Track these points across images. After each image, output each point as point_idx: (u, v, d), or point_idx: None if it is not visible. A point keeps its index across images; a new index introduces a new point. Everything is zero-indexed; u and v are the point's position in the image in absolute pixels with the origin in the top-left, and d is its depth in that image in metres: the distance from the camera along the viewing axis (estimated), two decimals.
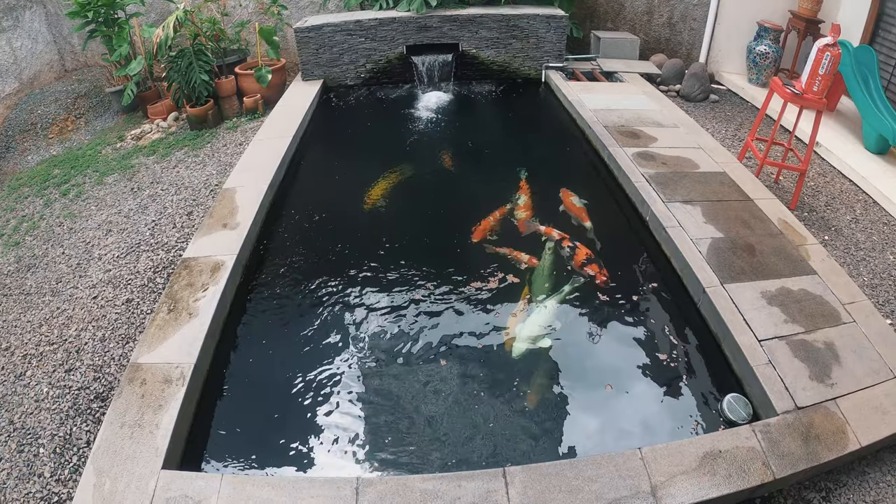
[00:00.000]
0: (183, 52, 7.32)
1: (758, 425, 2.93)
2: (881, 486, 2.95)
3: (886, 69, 6.59)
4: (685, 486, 2.63)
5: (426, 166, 5.91)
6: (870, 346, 3.39)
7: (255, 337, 3.79)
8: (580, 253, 4.36)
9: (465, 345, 3.65)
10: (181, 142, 7.00)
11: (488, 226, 4.74)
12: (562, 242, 4.50)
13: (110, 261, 4.78)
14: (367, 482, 2.63)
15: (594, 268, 4.21)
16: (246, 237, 4.31)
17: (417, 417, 3.19)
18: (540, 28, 7.77)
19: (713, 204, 4.63)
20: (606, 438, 3.12)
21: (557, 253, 4.44)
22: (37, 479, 3.08)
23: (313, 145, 6.41)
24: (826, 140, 6.27)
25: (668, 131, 5.97)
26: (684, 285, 4.02)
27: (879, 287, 4.31)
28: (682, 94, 7.81)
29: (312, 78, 7.81)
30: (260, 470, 2.94)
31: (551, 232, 4.63)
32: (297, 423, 3.19)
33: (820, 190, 5.60)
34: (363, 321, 3.85)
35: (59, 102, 8.59)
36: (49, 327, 4.14)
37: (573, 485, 2.62)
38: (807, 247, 4.21)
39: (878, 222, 5.09)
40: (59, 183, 6.40)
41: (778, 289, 3.78)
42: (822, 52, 4.72)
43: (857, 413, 3.01)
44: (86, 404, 3.48)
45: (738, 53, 8.30)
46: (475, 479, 2.63)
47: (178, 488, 2.63)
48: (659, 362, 3.54)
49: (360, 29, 7.56)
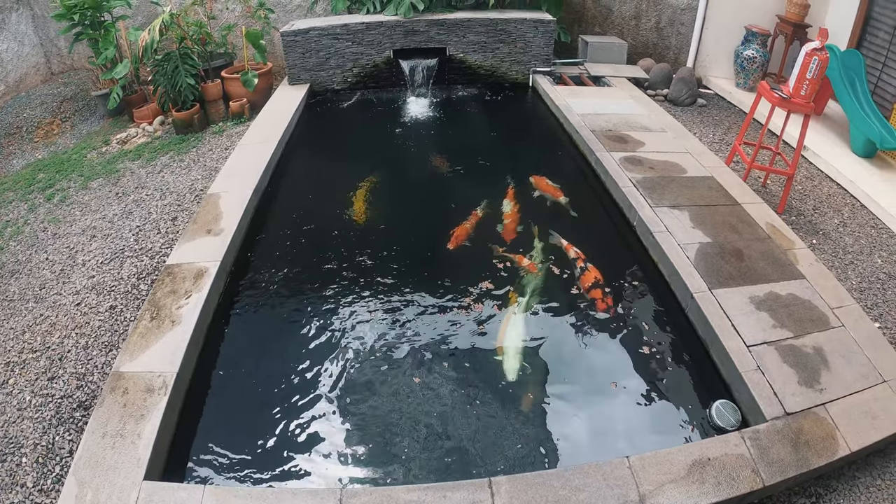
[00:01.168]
0: (169, 55, 7.26)
1: (747, 432, 2.92)
2: (871, 490, 2.94)
3: (873, 73, 6.63)
4: (674, 494, 2.61)
5: (412, 171, 5.90)
6: (859, 351, 3.38)
7: (239, 345, 3.74)
8: (589, 275, 4.23)
9: (451, 353, 3.61)
10: (167, 146, 6.94)
11: (465, 233, 4.71)
12: (576, 262, 4.39)
13: (94, 267, 4.72)
14: (352, 493, 2.59)
15: (598, 293, 4.08)
16: (230, 243, 4.27)
17: (403, 427, 3.15)
18: (527, 32, 7.76)
19: (701, 209, 4.63)
20: (593, 446, 3.09)
21: (549, 260, 4.42)
22: (19, 490, 3.03)
23: (299, 150, 6.37)
24: (814, 144, 6.29)
25: (656, 136, 5.97)
26: (672, 291, 4.01)
27: (868, 291, 4.31)
28: (670, 98, 7.82)
29: (299, 82, 7.78)
30: (243, 481, 2.90)
31: (570, 248, 4.52)
32: (281, 432, 3.14)
33: (808, 194, 5.61)
34: (348, 329, 3.81)
35: (44, 106, 8.52)
36: (32, 334, 4.08)
37: (560, 494, 2.59)
38: (795, 251, 4.21)
39: (866, 226, 5.10)
40: (44, 187, 6.32)
41: (766, 293, 3.77)
42: (809, 56, 4.73)
43: (847, 418, 3.01)
44: (69, 413, 3.43)
45: (725, 58, 8.32)
46: (460, 489, 2.59)
47: (159, 500, 2.59)
48: (646, 368, 3.52)
49: (346, 33, 7.54)
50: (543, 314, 3.92)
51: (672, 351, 3.65)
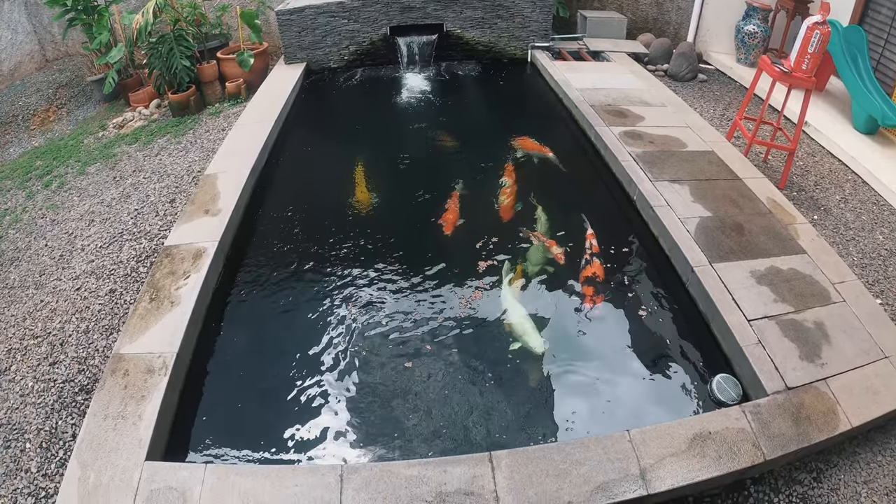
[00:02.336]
0: (163, 37, 7.21)
1: (748, 406, 2.92)
2: (872, 466, 2.95)
3: (876, 49, 6.55)
4: (674, 468, 2.61)
5: (411, 149, 5.85)
6: (860, 326, 3.37)
7: (238, 324, 3.74)
8: (589, 269, 4.09)
9: (451, 329, 3.61)
10: (163, 129, 6.91)
11: (455, 216, 4.65)
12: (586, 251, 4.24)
13: (93, 251, 4.72)
14: (352, 469, 2.60)
15: (590, 290, 3.95)
16: (228, 223, 4.25)
17: (404, 404, 3.15)
18: (525, 7, 7.67)
19: (701, 183, 4.60)
20: (594, 420, 3.09)
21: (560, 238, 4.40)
22: (23, 475, 3.04)
23: (296, 129, 6.33)
24: (815, 120, 6.24)
25: (656, 110, 5.93)
26: (672, 265, 3.99)
27: (869, 267, 4.30)
28: (670, 73, 7.75)
29: (295, 61, 7.71)
30: (244, 459, 2.90)
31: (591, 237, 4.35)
32: (281, 410, 3.15)
33: (809, 170, 5.57)
34: (347, 307, 3.81)
35: (40, 93, 8.47)
36: (33, 321, 4.08)
37: (561, 468, 2.59)
38: (796, 226, 4.18)
39: (868, 202, 5.07)
40: (42, 174, 6.30)
41: (767, 268, 3.75)
42: (811, 30, 4.67)
43: (848, 393, 3.00)
44: (71, 397, 3.44)
45: (726, 33, 8.23)
46: (461, 464, 2.60)
47: (161, 480, 2.59)
48: (647, 342, 3.52)
49: (342, 11, 7.46)
50: (546, 290, 3.92)
51: (673, 325, 3.64)
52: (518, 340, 3.51)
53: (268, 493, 2.52)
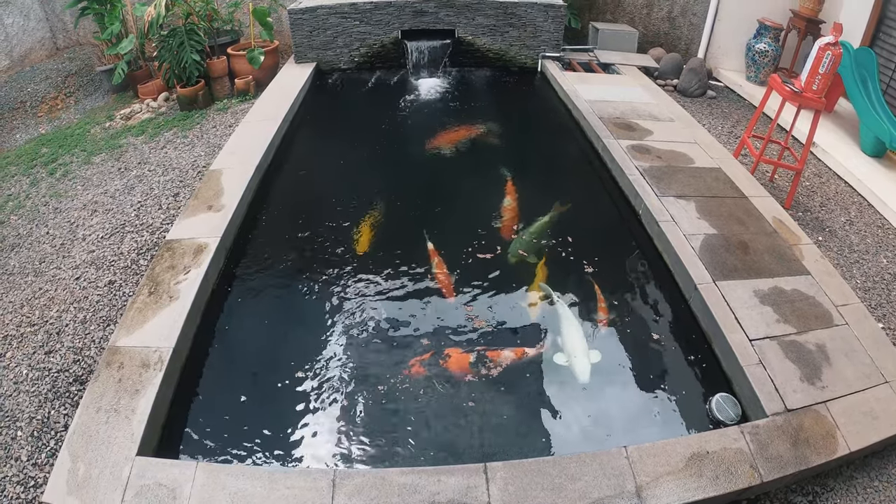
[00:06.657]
0: (175, 31, 7.21)
1: (746, 426, 2.89)
2: (868, 491, 2.92)
3: (886, 72, 6.54)
4: (671, 486, 2.59)
5: (417, 153, 5.83)
6: (861, 350, 3.35)
7: (237, 322, 3.72)
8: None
9: (455, 334, 3.59)
10: (170, 122, 6.90)
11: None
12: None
13: (94, 241, 4.70)
14: (345, 475, 2.57)
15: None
16: (230, 220, 4.24)
17: (401, 409, 3.13)
18: (538, 17, 7.67)
19: (707, 200, 4.58)
20: (591, 435, 3.06)
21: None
22: (14, 463, 3.02)
23: (304, 129, 6.32)
24: (823, 141, 6.22)
25: (664, 125, 5.91)
26: (675, 281, 3.97)
27: (872, 290, 4.27)
28: (680, 88, 7.74)
29: (305, 61, 7.71)
30: (236, 459, 2.88)
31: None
32: (276, 411, 3.13)
33: (815, 190, 5.55)
34: (347, 308, 3.79)
35: (49, 80, 8.47)
36: (30, 308, 4.06)
37: (556, 482, 2.57)
38: (801, 247, 4.16)
39: (873, 225, 5.05)
40: (47, 162, 6.30)
41: (771, 288, 3.73)
42: (822, 51, 4.66)
43: (848, 417, 2.97)
44: (65, 387, 3.42)
45: (737, 50, 8.22)
46: (455, 474, 2.57)
47: (151, 475, 2.57)
48: (647, 359, 3.50)
49: (355, 12, 7.46)
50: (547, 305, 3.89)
51: (674, 342, 3.61)
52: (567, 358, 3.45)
53: (258, 495, 2.49)
